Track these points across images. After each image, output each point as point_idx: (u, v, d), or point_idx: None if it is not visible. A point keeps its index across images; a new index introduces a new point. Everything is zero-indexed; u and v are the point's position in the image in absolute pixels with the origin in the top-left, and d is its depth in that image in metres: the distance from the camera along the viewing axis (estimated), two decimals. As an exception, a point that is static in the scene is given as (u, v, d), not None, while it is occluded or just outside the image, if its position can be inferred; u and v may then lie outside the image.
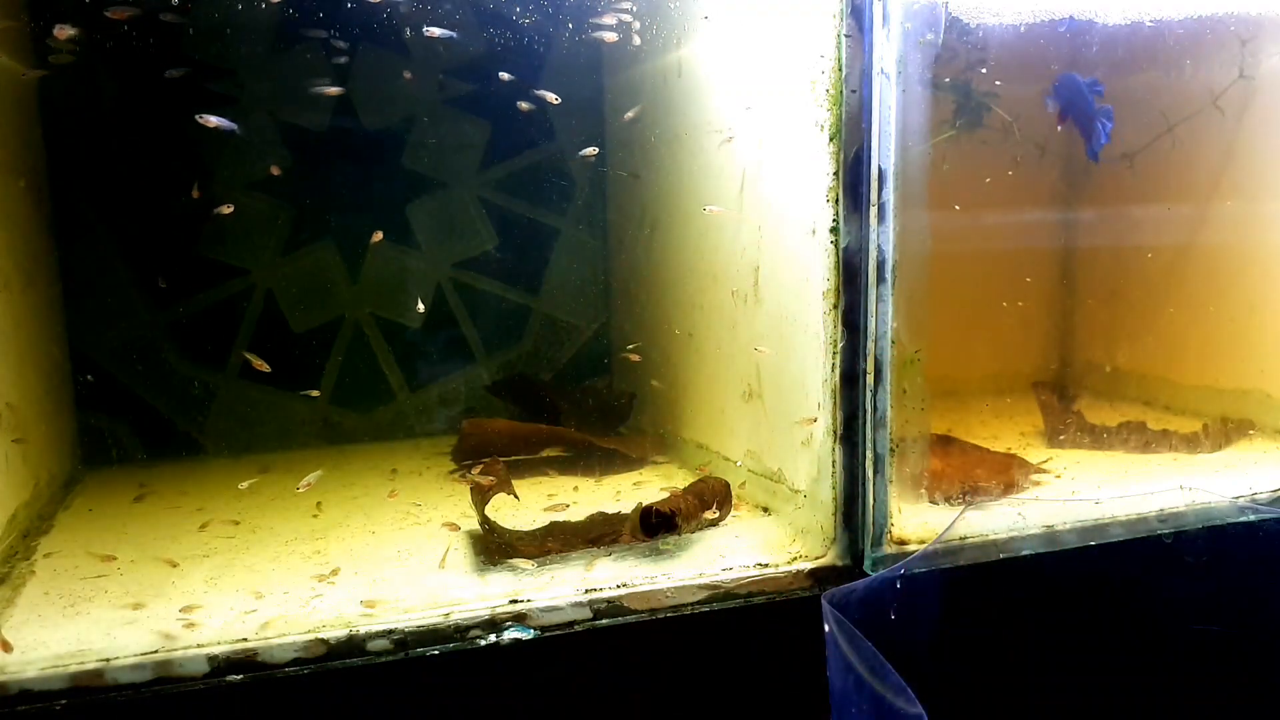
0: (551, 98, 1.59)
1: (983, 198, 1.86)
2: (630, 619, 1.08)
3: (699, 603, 1.11)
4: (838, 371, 1.15)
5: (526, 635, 1.04)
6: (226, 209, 1.55)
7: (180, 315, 1.75)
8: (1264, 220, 1.76)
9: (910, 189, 1.13)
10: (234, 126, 1.20)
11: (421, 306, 1.78)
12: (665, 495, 1.29)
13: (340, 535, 1.33)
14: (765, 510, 1.37)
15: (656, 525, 1.22)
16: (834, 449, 1.17)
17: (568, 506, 1.41)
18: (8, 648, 0.95)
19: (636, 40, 1.59)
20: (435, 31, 1.49)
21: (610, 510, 1.32)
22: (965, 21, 1.52)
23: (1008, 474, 1.43)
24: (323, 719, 0.99)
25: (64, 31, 1.17)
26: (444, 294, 1.89)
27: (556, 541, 1.24)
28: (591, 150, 1.77)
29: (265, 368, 1.48)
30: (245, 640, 0.98)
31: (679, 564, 1.17)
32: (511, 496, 1.35)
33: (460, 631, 1.03)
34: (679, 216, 1.65)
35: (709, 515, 1.28)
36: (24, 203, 1.52)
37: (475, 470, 1.28)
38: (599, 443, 1.68)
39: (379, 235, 1.70)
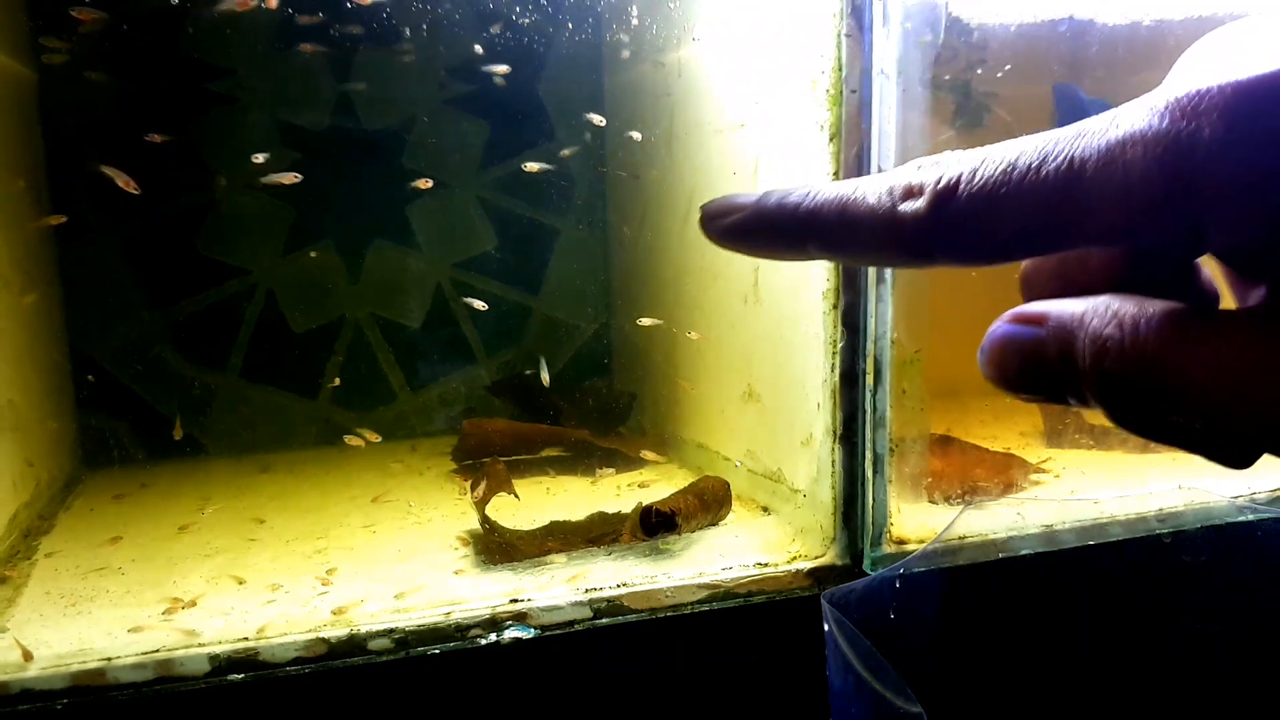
0: (598, 119, 1.60)
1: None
2: (630, 618, 1.09)
3: (699, 602, 1.11)
4: (837, 371, 1.16)
5: (527, 634, 1.04)
6: (287, 178, 1.48)
7: (179, 315, 1.75)
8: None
9: (910, 189, 1.13)
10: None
11: (482, 304, 1.75)
12: (666, 495, 1.29)
13: (340, 535, 1.33)
14: (765, 510, 1.37)
15: (656, 525, 1.22)
16: (833, 449, 1.17)
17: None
18: (29, 657, 0.95)
19: (631, 41, 1.59)
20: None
21: (610, 510, 1.32)
22: (965, 21, 1.53)
23: (1007, 474, 1.44)
24: (324, 718, 0.99)
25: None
26: (444, 294, 1.89)
27: (556, 541, 1.24)
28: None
29: (375, 438, 1.50)
30: (246, 639, 0.99)
31: (679, 563, 1.17)
32: (511, 496, 1.36)
33: (461, 631, 1.03)
34: (679, 216, 1.65)
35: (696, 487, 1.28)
36: (24, 203, 1.52)
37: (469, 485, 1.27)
38: (599, 443, 1.68)
39: (428, 183, 1.66)
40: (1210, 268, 0.39)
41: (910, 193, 0.35)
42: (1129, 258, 0.38)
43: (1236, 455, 0.34)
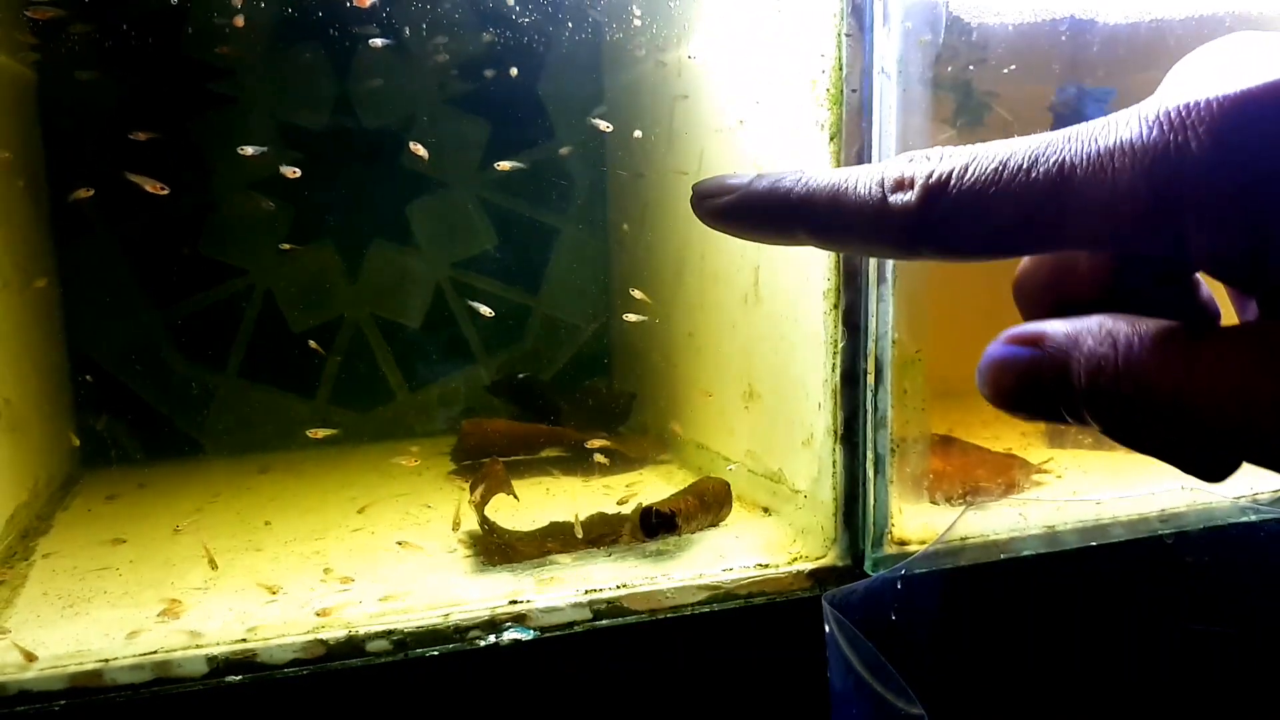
0: (604, 126, 1.59)
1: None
2: (630, 619, 1.08)
3: (699, 603, 1.11)
4: (838, 371, 1.15)
5: (526, 636, 1.03)
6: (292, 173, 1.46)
7: (178, 316, 1.75)
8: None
9: (911, 188, 1.12)
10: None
11: (488, 310, 1.71)
12: (666, 495, 1.29)
13: (339, 535, 1.33)
14: (765, 511, 1.37)
15: (657, 526, 1.22)
16: (834, 449, 1.17)
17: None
18: (31, 658, 0.94)
19: (631, 41, 1.58)
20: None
21: (610, 510, 1.32)
22: (966, 20, 1.52)
23: (1009, 474, 1.43)
24: (322, 720, 0.99)
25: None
26: (443, 294, 1.89)
27: (556, 542, 1.24)
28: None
29: (413, 463, 1.51)
30: (244, 641, 0.98)
31: (679, 564, 1.17)
32: (511, 496, 1.35)
33: (460, 632, 1.03)
34: (679, 216, 1.64)
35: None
36: (23, 202, 1.51)
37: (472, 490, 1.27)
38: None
39: (419, 149, 1.61)
40: (1210, 283, 0.39)
41: (901, 185, 0.36)
42: (1118, 264, 0.38)
43: (1212, 470, 0.35)
